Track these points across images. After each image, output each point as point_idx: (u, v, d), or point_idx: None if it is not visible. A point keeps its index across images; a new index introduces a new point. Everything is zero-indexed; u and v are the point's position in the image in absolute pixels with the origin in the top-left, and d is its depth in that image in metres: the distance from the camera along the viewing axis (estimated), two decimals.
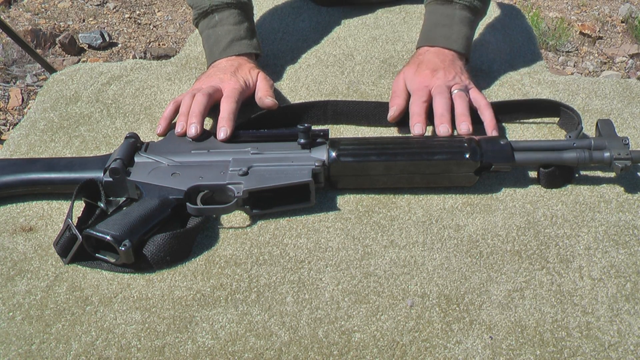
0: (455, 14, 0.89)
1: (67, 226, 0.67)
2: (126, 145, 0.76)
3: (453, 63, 0.86)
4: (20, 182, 0.74)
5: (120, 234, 0.65)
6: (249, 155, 0.75)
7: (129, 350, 0.59)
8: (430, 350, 0.59)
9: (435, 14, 0.91)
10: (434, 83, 0.82)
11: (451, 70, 0.84)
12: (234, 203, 0.70)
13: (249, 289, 0.65)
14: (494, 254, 0.68)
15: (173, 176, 0.73)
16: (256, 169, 0.72)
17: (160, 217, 0.69)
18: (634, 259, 0.67)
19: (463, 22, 0.89)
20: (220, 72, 0.86)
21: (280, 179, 0.71)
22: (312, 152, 0.74)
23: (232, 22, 0.91)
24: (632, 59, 2.23)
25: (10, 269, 0.68)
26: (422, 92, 0.82)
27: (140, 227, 0.67)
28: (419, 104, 0.81)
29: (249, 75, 0.87)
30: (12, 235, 0.72)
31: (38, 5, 2.56)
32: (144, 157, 0.75)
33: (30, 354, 0.59)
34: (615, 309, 0.62)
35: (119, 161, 0.73)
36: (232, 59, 0.89)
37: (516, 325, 0.61)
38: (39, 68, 2.09)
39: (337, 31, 1.09)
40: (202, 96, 0.80)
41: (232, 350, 0.59)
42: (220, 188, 0.72)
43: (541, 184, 0.76)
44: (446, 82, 0.82)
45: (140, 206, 0.69)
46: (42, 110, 0.93)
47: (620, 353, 0.58)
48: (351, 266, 0.67)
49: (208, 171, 0.73)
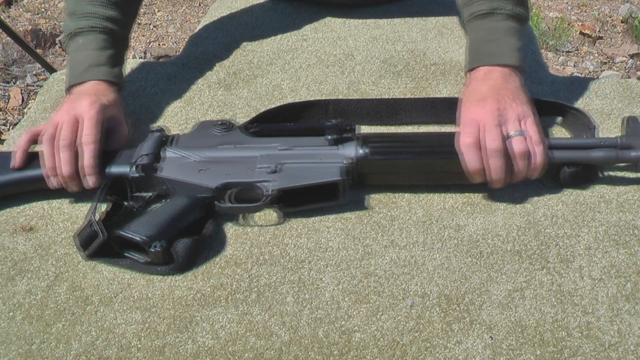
0: (499, 26, 0.81)
1: (90, 222, 0.67)
2: (153, 139, 0.75)
3: (504, 85, 0.75)
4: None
5: (152, 236, 0.65)
6: (277, 152, 0.74)
7: (129, 350, 0.59)
8: (430, 350, 0.59)
9: (478, 31, 0.83)
10: (484, 119, 0.71)
11: (502, 98, 0.73)
12: (265, 202, 0.70)
13: (249, 289, 0.65)
14: (494, 254, 0.68)
15: (201, 172, 0.72)
16: (285, 167, 0.72)
17: (190, 217, 0.69)
18: (634, 259, 0.67)
19: (509, 33, 0.81)
20: (78, 98, 0.78)
21: (310, 177, 0.70)
22: (340, 149, 0.73)
23: (93, 47, 0.83)
24: (632, 59, 2.23)
25: (10, 268, 0.68)
26: (470, 127, 0.71)
27: (171, 228, 0.67)
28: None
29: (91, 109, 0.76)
30: (12, 235, 0.72)
31: (38, 5, 2.56)
32: (171, 151, 0.75)
33: (31, 353, 0.59)
34: (615, 309, 0.62)
35: (146, 157, 0.72)
36: (90, 85, 0.81)
37: (516, 325, 0.61)
38: (39, 68, 2.09)
39: (337, 31, 1.09)
40: (65, 152, 0.72)
41: (232, 350, 0.59)
42: (249, 186, 0.71)
43: (562, 183, 0.75)
44: (496, 117, 0.71)
45: (170, 206, 0.69)
46: (42, 110, 0.93)
47: (620, 353, 0.58)
48: (351, 266, 0.67)
49: (235, 167, 0.72)
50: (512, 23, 0.81)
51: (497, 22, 0.81)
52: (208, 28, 1.13)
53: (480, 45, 0.82)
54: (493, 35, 0.81)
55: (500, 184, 0.71)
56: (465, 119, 0.72)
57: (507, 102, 0.72)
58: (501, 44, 0.80)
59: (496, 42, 0.80)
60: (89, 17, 0.84)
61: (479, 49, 0.82)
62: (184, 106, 0.92)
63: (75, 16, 0.84)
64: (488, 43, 0.81)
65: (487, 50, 0.80)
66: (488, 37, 0.81)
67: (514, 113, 0.72)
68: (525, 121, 0.72)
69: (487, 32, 0.82)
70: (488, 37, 0.81)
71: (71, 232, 0.71)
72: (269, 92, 0.94)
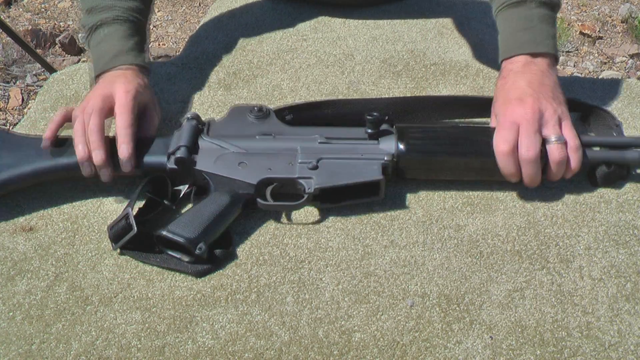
0: (533, 13, 0.79)
1: (126, 215, 0.67)
2: (189, 129, 0.73)
3: (542, 81, 0.74)
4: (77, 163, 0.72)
5: (195, 237, 0.65)
6: (317, 145, 0.73)
7: (129, 350, 0.59)
8: (430, 350, 0.59)
9: (511, 20, 0.81)
10: (523, 122, 0.70)
11: (542, 96, 0.72)
12: (305, 200, 0.70)
13: (249, 289, 0.65)
14: (494, 254, 0.68)
15: (241, 166, 0.71)
16: (326, 163, 0.71)
17: (232, 216, 0.69)
18: (634, 259, 0.67)
19: (544, 20, 0.79)
20: (110, 81, 0.78)
21: (350, 176, 0.70)
22: (380, 144, 0.72)
23: (119, 36, 0.84)
24: (632, 59, 2.23)
25: (10, 269, 0.68)
26: (507, 131, 0.70)
27: (214, 228, 0.67)
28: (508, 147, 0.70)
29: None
30: (12, 235, 0.72)
31: (38, 5, 2.56)
32: (207, 141, 0.73)
33: (31, 353, 0.59)
34: (615, 309, 0.62)
35: (184, 149, 0.71)
36: (120, 70, 0.81)
37: (516, 325, 0.61)
38: (39, 68, 2.09)
39: (337, 31, 1.09)
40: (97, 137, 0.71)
41: (232, 350, 0.59)
42: (290, 182, 0.71)
43: (592, 181, 0.74)
44: (535, 121, 0.70)
45: (211, 205, 0.68)
46: (42, 110, 0.93)
47: (620, 353, 0.58)
48: (351, 266, 0.67)
49: (276, 161, 0.71)
50: (545, 10, 0.80)
51: (530, 10, 0.79)
52: (208, 28, 1.13)
53: (515, 33, 0.79)
54: (528, 22, 0.79)
55: (534, 185, 0.71)
56: (504, 120, 0.71)
57: (547, 102, 0.71)
58: (536, 31, 0.78)
59: (531, 30, 0.78)
60: (110, 9, 0.85)
61: (514, 37, 0.79)
62: (184, 106, 0.91)
63: (95, 11, 0.85)
64: (523, 31, 0.78)
65: (522, 38, 0.78)
66: (523, 24, 0.79)
67: (554, 115, 0.70)
68: (564, 124, 0.71)
69: (522, 20, 0.79)
70: (523, 25, 0.79)
71: (71, 232, 0.72)
72: (269, 92, 0.94)
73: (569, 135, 0.71)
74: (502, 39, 0.82)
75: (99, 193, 0.76)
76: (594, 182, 0.75)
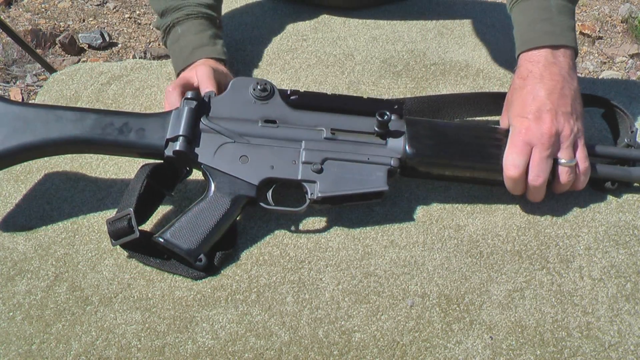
0: (551, 5, 0.76)
1: (128, 216, 0.65)
2: (188, 114, 0.69)
3: (563, 92, 0.71)
4: (67, 141, 0.69)
5: (195, 248, 0.64)
6: (322, 140, 0.70)
7: (129, 350, 0.59)
8: (430, 350, 0.59)
9: (528, 12, 0.77)
10: (537, 143, 0.69)
11: (560, 111, 0.70)
12: (307, 205, 0.69)
13: (249, 289, 0.65)
14: (494, 254, 0.68)
15: (242, 161, 0.69)
16: (330, 166, 0.69)
17: (232, 218, 0.68)
18: (634, 259, 0.67)
19: (563, 11, 0.76)
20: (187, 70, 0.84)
21: (355, 184, 0.69)
22: (388, 144, 0.71)
23: (193, 32, 0.87)
24: (632, 59, 2.23)
25: (10, 269, 0.68)
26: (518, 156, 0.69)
27: (214, 235, 0.66)
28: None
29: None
30: (12, 235, 0.72)
31: (38, 5, 2.56)
32: (207, 126, 0.70)
33: (31, 354, 0.59)
34: (615, 309, 0.62)
35: (183, 141, 0.68)
36: (200, 61, 0.84)
37: (516, 325, 0.61)
38: (39, 68, 2.09)
39: (337, 31, 1.09)
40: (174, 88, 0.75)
41: (232, 350, 0.59)
42: (293, 183, 0.70)
43: (595, 187, 0.75)
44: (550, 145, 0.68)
45: (211, 210, 0.67)
46: None
47: (620, 353, 0.58)
48: (351, 266, 0.67)
49: (279, 158, 0.69)
50: (564, 1, 0.77)
51: (548, 1, 0.76)
52: None
53: (533, 24, 0.76)
54: (547, 13, 0.75)
55: (536, 202, 0.72)
56: (517, 139, 0.69)
57: (565, 119, 0.69)
58: (555, 22, 0.75)
59: (550, 21, 0.75)
60: (182, 7, 0.88)
61: (532, 29, 0.76)
62: None
63: (168, 12, 0.89)
64: (542, 22, 0.75)
65: (542, 29, 0.75)
66: (541, 15, 0.76)
67: (569, 135, 0.69)
68: (578, 143, 0.70)
69: (540, 11, 0.76)
70: (541, 16, 0.76)
71: (71, 232, 0.71)
72: None
73: (580, 157, 0.70)
74: (519, 31, 0.78)
75: (99, 193, 0.76)
76: (597, 189, 0.75)
